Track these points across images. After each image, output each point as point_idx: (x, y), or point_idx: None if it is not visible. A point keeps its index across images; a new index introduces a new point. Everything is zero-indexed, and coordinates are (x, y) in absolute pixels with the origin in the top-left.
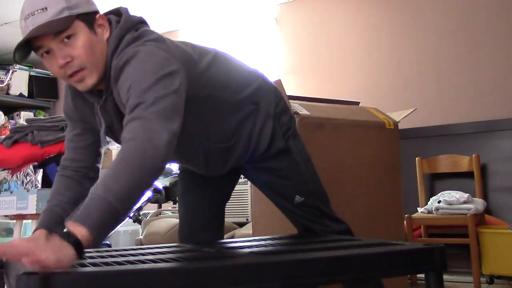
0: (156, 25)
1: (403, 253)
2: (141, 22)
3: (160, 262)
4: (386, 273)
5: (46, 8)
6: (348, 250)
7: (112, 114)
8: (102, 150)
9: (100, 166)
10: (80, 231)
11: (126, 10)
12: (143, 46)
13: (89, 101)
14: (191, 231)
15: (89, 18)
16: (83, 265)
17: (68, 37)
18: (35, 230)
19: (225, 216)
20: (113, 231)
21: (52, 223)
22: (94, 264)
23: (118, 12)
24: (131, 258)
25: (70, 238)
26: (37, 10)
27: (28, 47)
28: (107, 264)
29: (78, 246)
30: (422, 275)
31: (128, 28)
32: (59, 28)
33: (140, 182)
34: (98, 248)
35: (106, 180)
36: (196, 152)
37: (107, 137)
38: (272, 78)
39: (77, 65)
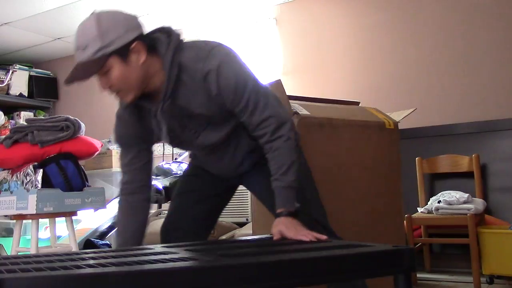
0: (156, 25)
1: (370, 255)
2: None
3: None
4: (350, 276)
5: (86, 47)
6: (310, 253)
7: (173, 114)
8: (164, 147)
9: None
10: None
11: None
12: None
13: (144, 112)
14: (174, 227)
15: (123, 51)
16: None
17: (104, 71)
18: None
19: (225, 216)
20: (113, 231)
21: None
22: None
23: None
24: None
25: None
26: (80, 48)
27: None
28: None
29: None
30: (424, 275)
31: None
32: (95, 70)
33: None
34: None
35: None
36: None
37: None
38: (271, 79)
39: (115, 90)
